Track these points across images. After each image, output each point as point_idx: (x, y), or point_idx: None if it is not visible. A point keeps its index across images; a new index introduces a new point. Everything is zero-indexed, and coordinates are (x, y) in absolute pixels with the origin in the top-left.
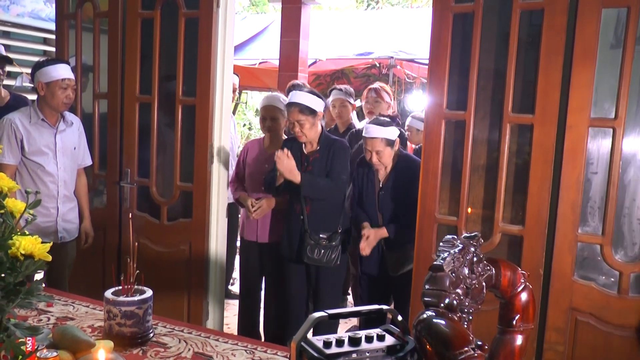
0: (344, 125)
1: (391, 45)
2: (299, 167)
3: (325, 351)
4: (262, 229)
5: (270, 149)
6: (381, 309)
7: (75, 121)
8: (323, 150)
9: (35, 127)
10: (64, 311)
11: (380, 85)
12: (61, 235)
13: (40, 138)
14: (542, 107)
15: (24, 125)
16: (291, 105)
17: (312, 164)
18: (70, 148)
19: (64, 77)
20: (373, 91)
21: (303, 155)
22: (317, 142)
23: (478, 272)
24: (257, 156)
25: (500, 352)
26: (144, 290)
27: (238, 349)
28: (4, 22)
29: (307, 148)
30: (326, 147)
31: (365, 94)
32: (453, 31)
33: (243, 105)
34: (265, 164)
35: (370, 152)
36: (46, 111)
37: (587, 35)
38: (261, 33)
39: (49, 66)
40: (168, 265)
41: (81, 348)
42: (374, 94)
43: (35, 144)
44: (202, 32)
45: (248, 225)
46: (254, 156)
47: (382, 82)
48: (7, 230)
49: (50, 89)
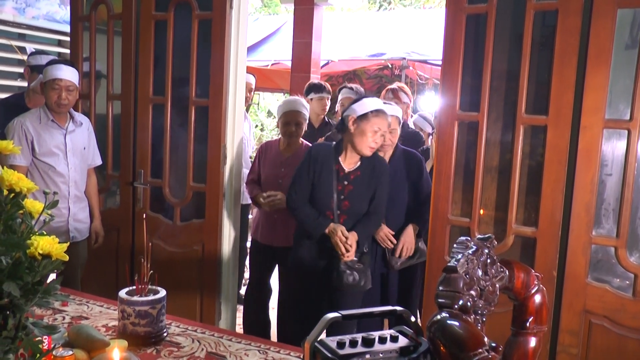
0: None
1: (403, 46)
2: (335, 186)
3: (339, 352)
4: (278, 232)
5: (286, 153)
6: (395, 310)
7: (84, 121)
8: (365, 169)
9: (45, 128)
10: (79, 310)
11: (398, 85)
12: (73, 235)
13: (50, 139)
14: (556, 108)
15: (34, 127)
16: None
17: (353, 183)
18: (80, 148)
19: (55, 77)
20: (390, 92)
21: (341, 171)
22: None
23: (492, 274)
24: (273, 159)
25: (514, 354)
26: (158, 290)
27: (251, 349)
28: (19, 24)
29: (346, 163)
30: (368, 166)
31: (382, 94)
32: (466, 32)
33: (255, 107)
34: (281, 168)
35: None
36: (53, 112)
37: (602, 36)
38: (273, 34)
39: (48, 66)
40: (181, 265)
41: (96, 347)
42: (391, 95)
43: (46, 145)
44: (215, 34)
45: (262, 227)
46: (270, 159)
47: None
48: (26, 230)
49: (45, 89)
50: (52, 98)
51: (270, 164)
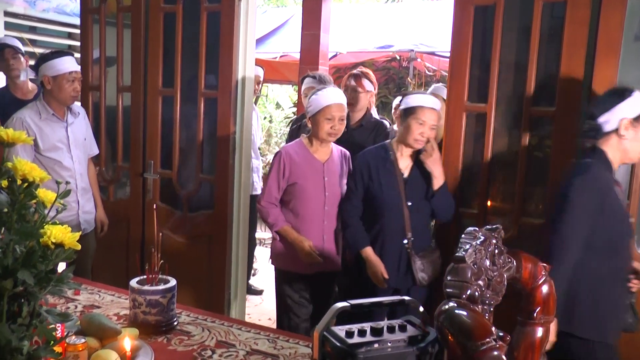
0: None
1: (411, 38)
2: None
3: (348, 341)
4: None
5: (323, 157)
6: (403, 300)
7: (81, 111)
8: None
9: (47, 123)
10: (91, 299)
11: (363, 70)
12: (83, 227)
13: (52, 134)
14: (563, 100)
15: (35, 122)
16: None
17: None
18: (81, 139)
19: (70, 69)
20: (352, 78)
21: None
22: None
23: (499, 264)
24: (310, 168)
25: (521, 344)
26: (168, 279)
27: (260, 338)
28: (30, 17)
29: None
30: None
31: (344, 80)
32: (474, 24)
33: (263, 98)
34: (324, 177)
35: (423, 126)
36: (54, 105)
37: (611, 27)
38: (282, 26)
39: (55, 59)
40: (190, 255)
41: (108, 335)
42: (353, 82)
43: (49, 140)
44: (223, 26)
45: (285, 252)
46: (305, 168)
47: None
48: (40, 219)
49: (57, 83)
50: (67, 91)
51: (307, 174)
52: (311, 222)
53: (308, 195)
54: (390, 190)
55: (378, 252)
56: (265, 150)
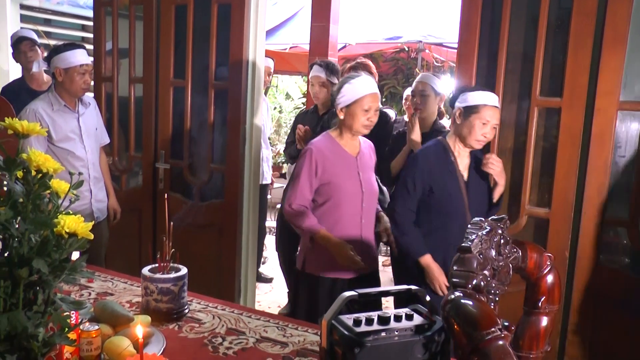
0: None
1: (420, 30)
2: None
3: (355, 329)
4: None
5: (354, 151)
6: (410, 289)
7: (91, 101)
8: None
9: (59, 114)
10: (104, 287)
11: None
12: (96, 215)
13: (65, 124)
14: (570, 90)
15: (47, 114)
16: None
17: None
18: (93, 129)
19: (82, 62)
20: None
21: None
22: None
23: (505, 254)
24: (344, 164)
25: (526, 333)
26: (179, 268)
27: (270, 326)
28: (44, 9)
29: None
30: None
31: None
32: (482, 15)
33: (273, 89)
34: (358, 171)
35: (486, 126)
36: (65, 97)
37: (618, 18)
38: (291, 18)
39: (67, 52)
40: (201, 244)
41: (120, 322)
42: None
43: (62, 131)
44: (234, 18)
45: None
46: (340, 165)
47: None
48: (53, 209)
49: (68, 75)
50: (78, 83)
51: (342, 171)
52: (348, 223)
53: (345, 194)
54: (455, 194)
55: (441, 261)
56: (275, 140)
